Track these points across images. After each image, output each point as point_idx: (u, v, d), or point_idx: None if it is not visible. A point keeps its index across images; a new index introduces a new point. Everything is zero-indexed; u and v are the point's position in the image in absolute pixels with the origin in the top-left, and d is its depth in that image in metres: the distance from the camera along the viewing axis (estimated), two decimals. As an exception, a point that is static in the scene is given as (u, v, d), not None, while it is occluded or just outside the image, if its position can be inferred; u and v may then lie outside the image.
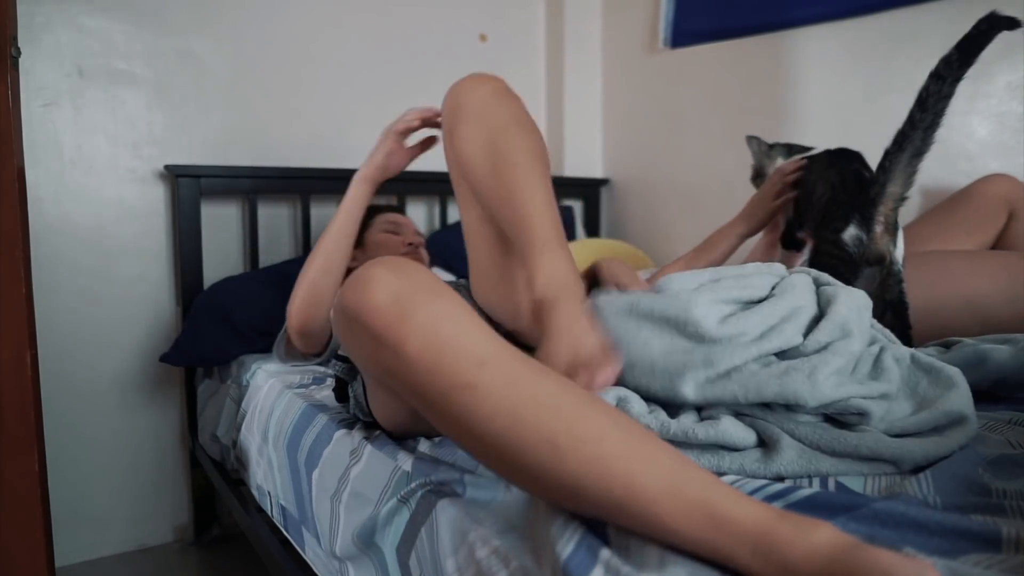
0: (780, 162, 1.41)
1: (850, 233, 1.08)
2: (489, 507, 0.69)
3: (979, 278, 1.14)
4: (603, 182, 2.49)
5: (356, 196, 1.32)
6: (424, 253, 1.61)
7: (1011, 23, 0.96)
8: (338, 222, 1.29)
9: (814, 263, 1.14)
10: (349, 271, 1.65)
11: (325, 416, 1.09)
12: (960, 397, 0.73)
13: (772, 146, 1.45)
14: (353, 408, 1.01)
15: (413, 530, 0.76)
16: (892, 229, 1.10)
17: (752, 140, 1.49)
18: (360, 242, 1.63)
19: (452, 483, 0.74)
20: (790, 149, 1.42)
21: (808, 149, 1.39)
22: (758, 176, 1.47)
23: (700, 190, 2.15)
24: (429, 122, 1.29)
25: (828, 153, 1.27)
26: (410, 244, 1.57)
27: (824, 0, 1.80)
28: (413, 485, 0.78)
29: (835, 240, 1.10)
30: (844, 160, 1.19)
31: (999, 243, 1.40)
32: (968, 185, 1.44)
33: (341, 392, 1.05)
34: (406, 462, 0.83)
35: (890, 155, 1.06)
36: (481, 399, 0.54)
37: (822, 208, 1.16)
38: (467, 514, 0.68)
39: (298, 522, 1.13)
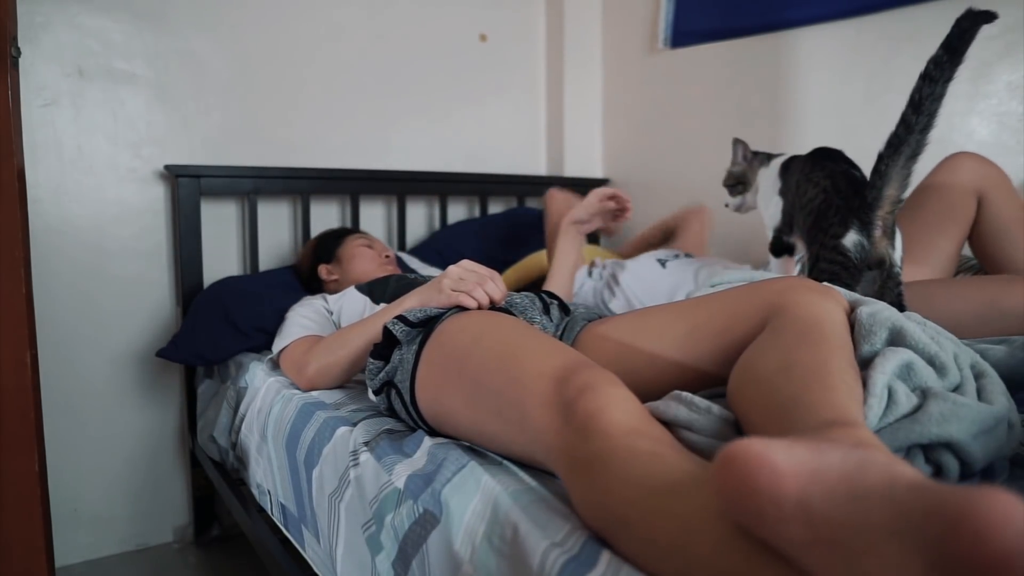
0: (762, 171, 1.38)
1: (851, 239, 1.08)
2: (470, 528, 0.71)
3: (959, 305, 1.14)
4: (603, 182, 2.49)
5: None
6: (396, 266, 1.71)
7: (988, 16, 0.97)
8: (369, 336, 1.19)
9: (813, 270, 1.14)
10: (323, 283, 1.69)
11: (323, 414, 1.09)
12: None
13: (755, 154, 1.42)
14: (390, 370, 0.99)
15: (405, 560, 0.78)
16: (890, 232, 1.10)
17: (739, 144, 1.44)
18: (333, 257, 1.69)
19: (433, 510, 0.76)
20: (769, 157, 1.39)
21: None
22: (738, 183, 1.42)
23: (700, 190, 2.15)
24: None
25: (809, 154, 1.24)
26: (386, 256, 1.69)
27: (824, 0, 1.80)
28: (402, 511, 0.79)
29: (835, 246, 1.09)
30: (830, 161, 1.17)
31: (975, 231, 1.35)
32: (931, 176, 1.38)
33: (383, 350, 1.03)
34: (400, 477, 0.83)
35: (885, 158, 1.05)
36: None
37: (814, 212, 1.15)
38: (456, 547, 0.70)
39: (297, 520, 1.13)
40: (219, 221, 1.92)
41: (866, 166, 1.14)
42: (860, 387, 0.69)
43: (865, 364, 0.74)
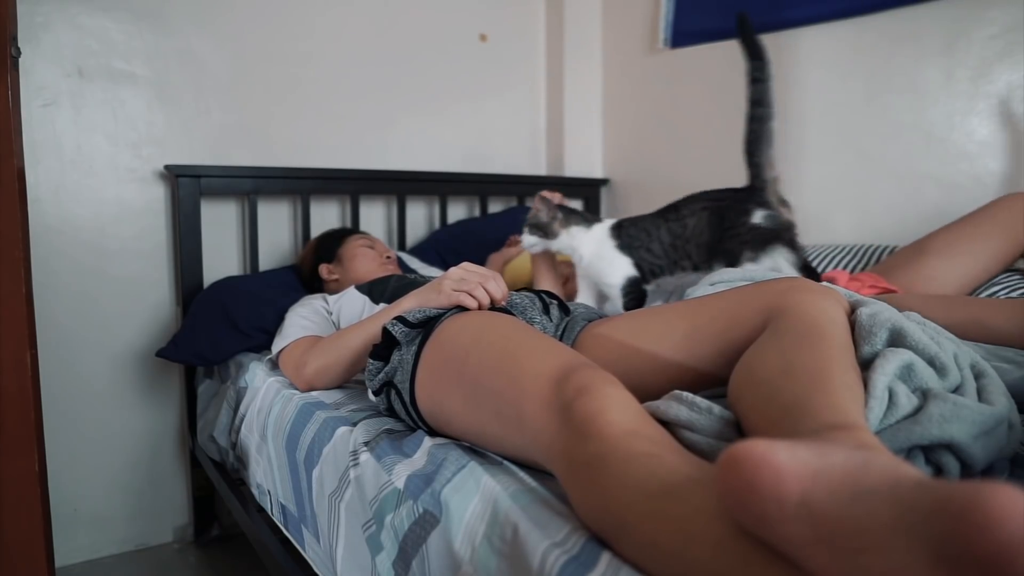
0: (577, 230, 1.40)
1: (759, 215, 1.27)
2: (470, 528, 0.71)
3: (941, 316, 1.15)
4: (603, 182, 2.49)
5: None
6: (397, 267, 1.71)
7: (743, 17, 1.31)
8: (367, 337, 1.18)
9: (733, 243, 1.26)
10: (324, 282, 1.70)
11: (323, 414, 1.09)
12: None
13: (564, 212, 1.42)
14: (389, 371, 0.99)
15: (405, 560, 0.78)
16: (784, 203, 1.29)
17: (544, 201, 1.43)
18: (334, 257, 1.70)
19: (433, 510, 0.76)
20: (586, 219, 1.42)
21: (579, 213, 1.44)
22: (539, 229, 1.41)
23: (699, 189, 2.15)
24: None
25: (657, 212, 1.39)
26: (388, 257, 1.70)
27: (824, 0, 1.80)
28: (402, 511, 0.79)
29: (746, 222, 1.26)
30: (684, 202, 1.37)
31: None
32: (990, 203, 1.41)
33: (382, 350, 1.02)
34: (400, 477, 0.83)
35: (754, 152, 1.28)
36: None
37: (709, 225, 1.30)
38: (456, 547, 0.70)
39: (297, 520, 1.13)
40: (219, 221, 1.92)
41: (865, 165, 1.14)
42: (861, 388, 0.68)
43: (866, 365, 0.74)
